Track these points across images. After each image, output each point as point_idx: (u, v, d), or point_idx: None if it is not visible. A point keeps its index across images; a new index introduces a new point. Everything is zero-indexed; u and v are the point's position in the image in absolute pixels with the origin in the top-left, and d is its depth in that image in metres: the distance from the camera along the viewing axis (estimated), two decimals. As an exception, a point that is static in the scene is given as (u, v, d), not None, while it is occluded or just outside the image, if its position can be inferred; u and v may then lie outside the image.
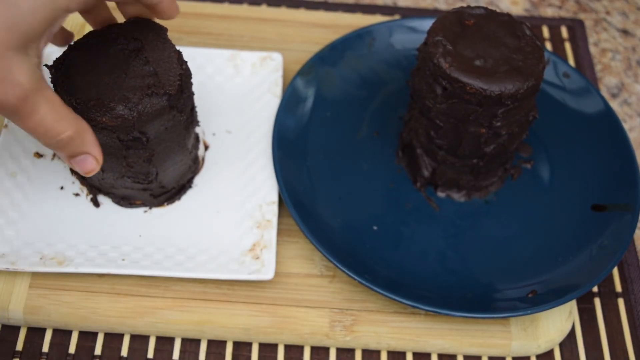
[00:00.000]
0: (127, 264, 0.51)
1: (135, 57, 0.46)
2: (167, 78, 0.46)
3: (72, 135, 0.43)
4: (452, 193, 0.58)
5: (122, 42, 0.47)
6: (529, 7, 0.74)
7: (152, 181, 0.51)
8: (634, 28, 0.73)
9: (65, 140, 0.43)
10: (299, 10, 0.69)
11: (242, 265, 0.51)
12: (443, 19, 0.52)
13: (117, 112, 0.44)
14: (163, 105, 0.46)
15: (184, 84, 0.48)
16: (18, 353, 0.50)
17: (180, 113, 0.48)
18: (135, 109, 0.45)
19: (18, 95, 0.40)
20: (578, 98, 0.61)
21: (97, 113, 0.44)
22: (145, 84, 0.45)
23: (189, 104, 0.50)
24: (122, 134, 0.46)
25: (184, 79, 0.47)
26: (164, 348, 0.51)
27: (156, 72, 0.46)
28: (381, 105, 0.62)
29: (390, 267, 0.53)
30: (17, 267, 0.50)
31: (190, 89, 0.50)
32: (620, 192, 0.56)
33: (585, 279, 0.51)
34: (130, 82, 0.45)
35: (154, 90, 0.45)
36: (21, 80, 0.40)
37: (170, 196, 0.55)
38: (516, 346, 0.51)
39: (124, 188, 0.52)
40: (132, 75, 0.46)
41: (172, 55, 0.47)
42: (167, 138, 0.49)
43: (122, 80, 0.45)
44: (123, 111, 0.45)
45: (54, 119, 0.42)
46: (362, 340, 0.51)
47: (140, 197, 0.54)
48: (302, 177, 0.56)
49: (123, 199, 0.54)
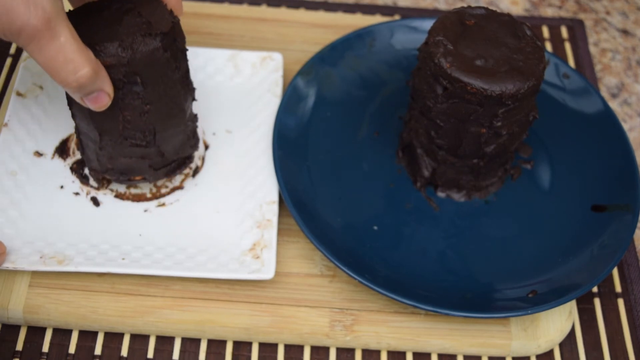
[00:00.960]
0: (127, 263, 0.51)
1: (129, 14, 0.47)
2: (159, 24, 0.47)
3: (90, 72, 0.43)
4: (452, 193, 0.58)
5: (115, 6, 0.48)
6: (529, 7, 0.74)
7: (150, 142, 0.51)
8: (634, 28, 0.74)
9: (84, 77, 0.43)
10: (299, 10, 0.69)
11: (242, 264, 0.51)
12: (444, 19, 0.52)
13: (110, 51, 0.45)
14: (156, 46, 0.46)
15: (177, 33, 0.48)
16: (18, 353, 0.50)
17: (175, 61, 0.48)
18: (129, 48, 0.45)
19: (41, 16, 0.39)
20: (578, 98, 0.61)
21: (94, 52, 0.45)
22: (138, 28, 0.46)
23: (183, 59, 0.50)
24: (117, 75, 0.46)
25: (177, 29, 0.48)
26: (164, 347, 0.51)
27: (149, 21, 0.47)
28: (381, 105, 0.62)
29: (390, 266, 0.53)
30: (17, 266, 0.50)
31: (184, 43, 0.50)
32: (620, 193, 0.56)
33: (585, 279, 0.51)
34: (124, 29, 0.46)
35: (147, 30, 0.46)
36: (44, 4, 0.39)
37: (171, 170, 0.54)
38: (516, 346, 0.51)
39: (122, 157, 0.52)
40: (126, 25, 0.46)
41: (164, 10, 0.48)
42: (162, 91, 0.49)
43: (117, 28, 0.46)
44: (116, 50, 0.45)
45: (74, 49, 0.42)
46: (362, 340, 0.51)
47: (140, 169, 0.53)
48: (303, 176, 0.56)
49: (122, 174, 0.53)
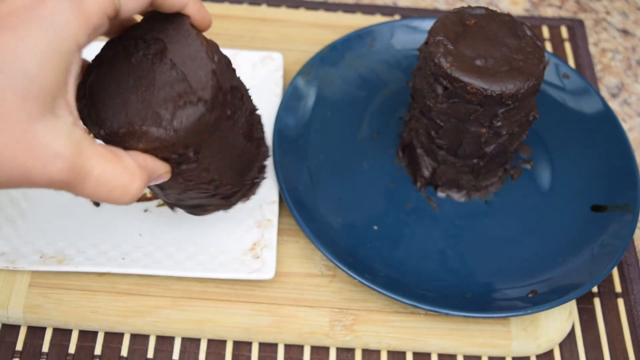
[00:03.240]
0: (127, 263, 0.51)
1: (159, 62, 0.40)
2: (198, 80, 0.40)
3: (142, 184, 0.38)
4: (452, 193, 0.58)
5: (142, 46, 0.41)
6: (529, 7, 0.74)
7: (218, 188, 0.46)
8: (634, 28, 0.74)
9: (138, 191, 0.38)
10: (299, 10, 0.69)
11: (243, 264, 0.51)
12: (444, 19, 0.52)
13: (151, 136, 0.39)
14: (201, 113, 0.39)
15: (220, 79, 0.41)
16: (18, 353, 0.50)
17: (224, 111, 0.42)
18: (170, 127, 0.39)
19: (62, 167, 0.34)
20: (578, 98, 0.61)
21: (131, 141, 0.39)
22: (176, 93, 0.39)
23: (235, 95, 0.43)
24: (165, 154, 0.40)
25: (219, 74, 0.41)
26: (164, 347, 0.51)
27: (185, 75, 0.40)
28: (381, 105, 0.62)
29: (390, 266, 0.53)
30: (17, 265, 0.50)
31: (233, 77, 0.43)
32: (620, 193, 0.56)
33: (585, 279, 0.51)
34: (160, 95, 0.39)
35: (186, 99, 0.39)
36: (60, 150, 0.34)
37: (245, 193, 0.49)
38: (516, 346, 0.51)
39: (190, 199, 0.47)
40: (161, 85, 0.40)
41: (199, 49, 0.40)
42: (217, 142, 0.43)
43: (151, 94, 0.39)
44: (158, 132, 0.39)
45: (113, 175, 0.37)
46: (362, 340, 0.51)
47: (212, 203, 0.48)
48: (303, 176, 0.56)
49: (195, 208, 0.49)
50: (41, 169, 0.34)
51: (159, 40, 0.41)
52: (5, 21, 0.34)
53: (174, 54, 0.40)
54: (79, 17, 0.35)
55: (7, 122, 0.33)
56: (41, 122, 0.34)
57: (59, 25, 0.34)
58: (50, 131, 0.34)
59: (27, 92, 0.33)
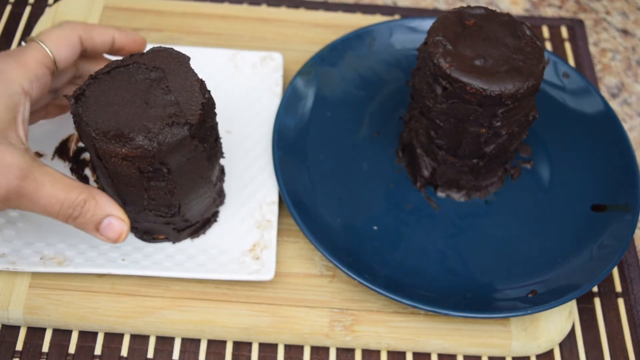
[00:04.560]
0: (127, 264, 0.51)
1: (156, 87, 0.45)
2: (188, 107, 0.44)
3: (86, 198, 0.43)
4: (452, 193, 0.58)
5: (143, 71, 0.46)
6: (529, 7, 0.74)
7: (175, 214, 0.50)
8: (634, 28, 0.74)
9: (81, 204, 0.43)
10: (299, 10, 0.69)
11: (242, 265, 0.51)
12: (443, 19, 0.52)
13: (136, 143, 0.43)
14: (184, 135, 0.44)
15: (207, 114, 0.46)
16: (18, 353, 0.50)
17: (202, 143, 0.46)
18: (155, 139, 0.43)
19: (15, 174, 0.41)
20: (578, 98, 0.61)
21: (116, 144, 0.43)
22: (167, 114, 0.44)
23: (212, 135, 0.48)
24: (142, 165, 0.44)
25: (207, 109, 0.46)
26: (164, 348, 0.51)
27: (177, 101, 0.44)
28: (381, 105, 0.62)
29: (390, 267, 0.53)
30: (17, 267, 0.50)
31: (214, 118, 0.48)
32: (620, 192, 0.56)
33: (585, 279, 0.51)
34: (151, 112, 0.44)
35: (175, 119, 0.44)
36: (14, 161, 0.41)
37: (195, 230, 0.53)
38: (516, 346, 0.51)
39: (146, 222, 0.51)
40: (153, 105, 0.44)
41: (194, 84, 0.45)
42: (189, 170, 0.47)
43: (143, 110, 0.44)
44: (143, 142, 0.43)
45: (62, 189, 0.42)
46: (362, 340, 0.51)
47: (163, 231, 0.52)
48: (302, 177, 0.56)
49: (146, 234, 0.52)
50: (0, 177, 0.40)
51: (159, 69, 0.46)
52: None
53: (171, 83, 0.45)
54: (19, 67, 0.44)
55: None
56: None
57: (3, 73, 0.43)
58: (4, 151, 0.41)
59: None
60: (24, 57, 0.45)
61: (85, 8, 0.67)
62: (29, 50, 0.46)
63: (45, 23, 0.66)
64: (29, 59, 0.45)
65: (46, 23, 0.66)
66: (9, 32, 0.67)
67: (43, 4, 0.69)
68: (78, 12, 0.66)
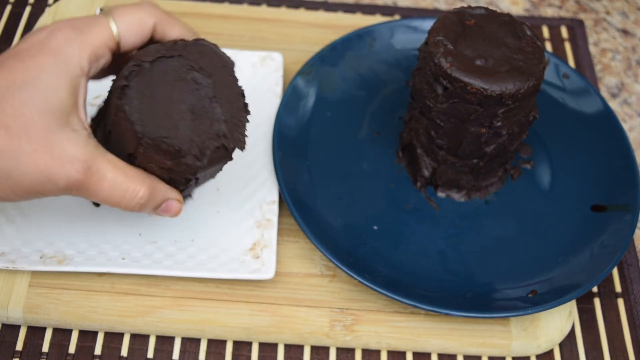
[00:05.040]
0: (127, 263, 0.51)
1: (203, 94, 0.44)
2: (236, 129, 0.44)
3: (148, 191, 0.43)
4: (452, 193, 0.58)
5: (188, 69, 0.44)
6: (529, 7, 0.74)
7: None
8: (634, 28, 0.74)
9: (143, 198, 0.43)
10: (299, 10, 0.69)
11: (243, 264, 0.51)
12: (444, 19, 0.52)
13: (185, 160, 0.42)
14: (226, 160, 0.45)
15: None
16: (18, 353, 0.50)
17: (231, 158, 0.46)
18: (204, 160, 0.43)
19: (78, 168, 0.40)
20: (578, 98, 0.61)
21: (162, 155, 0.42)
22: (215, 133, 0.43)
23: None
24: (178, 177, 0.44)
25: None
26: (164, 347, 0.51)
27: (225, 119, 0.44)
28: (381, 105, 0.62)
29: (390, 266, 0.53)
30: (17, 266, 0.50)
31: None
32: (620, 193, 0.56)
33: (585, 279, 0.51)
34: (200, 126, 0.43)
35: (224, 142, 0.44)
36: (76, 153, 0.40)
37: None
38: (516, 346, 0.51)
39: None
40: (200, 115, 0.43)
41: (240, 98, 0.45)
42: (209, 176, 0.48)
43: (191, 121, 0.43)
44: (192, 161, 0.43)
45: (124, 180, 0.42)
46: (362, 340, 0.51)
47: None
48: (303, 176, 0.56)
49: None
50: (60, 169, 0.39)
51: (206, 72, 0.44)
52: (25, 53, 0.41)
53: (217, 91, 0.44)
54: (81, 46, 0.41)
55: (30, 131, 0.39)
56: (59, 132, 0.40)
57: (64, 53, 0.41)
58: (67, 140, 0.40)
59: (44, 107, 0.39)
60: (89, 35, 0.42)
61: (85, 8, 0.67)
62: (95, 29, 0.43)
63: (45, 23, 0.66)
64: (94, 38, 0.42)
65: (46, 23, 0.66)
66: (8, 32, 0.67)
67: (43, 4, 0.69)
68: (78, 12, 0.66)
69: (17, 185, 0.40)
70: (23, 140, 0.39)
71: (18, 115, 0.39)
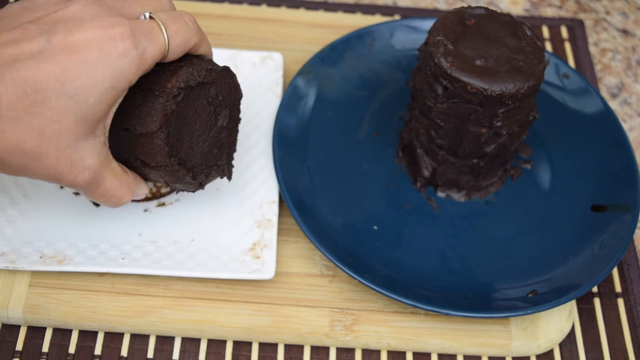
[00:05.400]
0: (127, 263, 0.51)
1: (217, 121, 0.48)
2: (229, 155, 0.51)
3: (131, 196, 0.47)
4: (452, 193, 0.58)
5: (213, 97, 0.47)
6: (529, 7, 0.74)
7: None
8: (634, 28, 0.74)
9: (126, 202, 0.47)
10: (299, 10, 0.69)
11: (243, 264, 0.51)
12: (444, 19, 0.52)
13: (188, 179, 0.47)
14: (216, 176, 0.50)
15: None
16: (18, 353, 0.50)
17: None
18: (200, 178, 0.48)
19: (87, 177, 0.42)
20: (578, 98, 0.61)
21: (186, 174, 0.46)
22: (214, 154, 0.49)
23: None
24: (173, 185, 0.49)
25: None
26: (164, 347, 0.51)
27: (227, 152, 0.50)
28: (381, 105, 0.62)
29: (390, 266, 0.53)
30: (17, 265, 0.50)
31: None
32: (620, 193, 0.56)
33: (585, 279, 0.51)
34: (209, 154, 0.48)
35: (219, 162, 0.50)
36: (90, 164, 0.42)
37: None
38: (516, 346, 0.51)
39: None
40: (212, 146, 0.48)
41: (237, 129, 0.51)
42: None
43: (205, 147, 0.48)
44: (201, 178, 0.48)
45: (116, 187, 0.45)
46: (362, 340, 0.51)
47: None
48: (303, 176, 0.56)
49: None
50: (72, 177, 0.41)
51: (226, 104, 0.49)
52: (82, 54, 0.39)
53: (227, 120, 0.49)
54: (139, 64, 0.41)
55: (61, 138, 0.40)
56: (83, 141, 0.41)
57: (121, 69, 0.40)
58: (87, 150, 0.41)
59: (82, 117, 0.40)
60: (147, 54, 0.41)
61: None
62: (154, 46, 0.42)
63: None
64: (151, 58, 0.42)
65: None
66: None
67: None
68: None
69: (22, 174, 0.41)
70: (52, 145, 0.40)
71: (56, 121, 0.39)
